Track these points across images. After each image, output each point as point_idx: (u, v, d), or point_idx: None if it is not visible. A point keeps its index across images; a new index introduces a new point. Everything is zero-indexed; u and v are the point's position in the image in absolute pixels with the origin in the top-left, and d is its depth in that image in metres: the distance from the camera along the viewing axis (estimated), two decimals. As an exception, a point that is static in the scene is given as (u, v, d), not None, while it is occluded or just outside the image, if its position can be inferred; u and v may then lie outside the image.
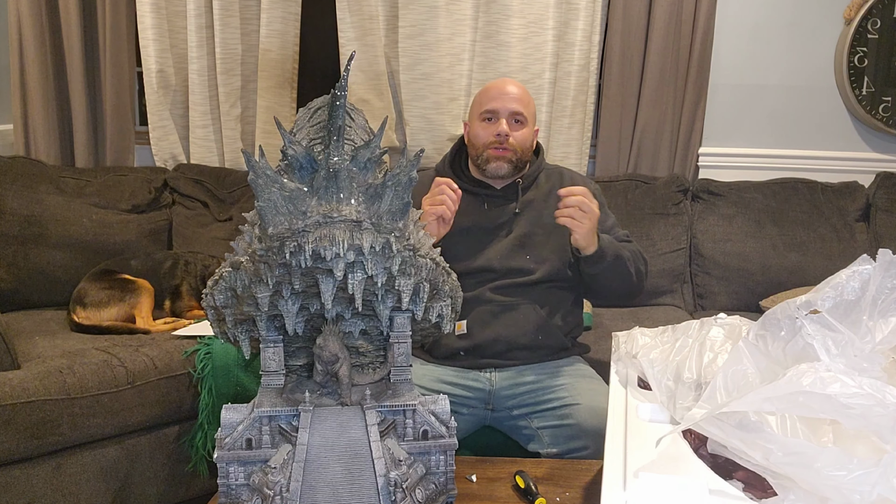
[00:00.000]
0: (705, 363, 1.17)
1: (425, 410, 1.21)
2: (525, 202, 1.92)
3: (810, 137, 2.93)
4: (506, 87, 1.92)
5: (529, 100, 1.95)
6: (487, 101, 1.91)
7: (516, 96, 1.90)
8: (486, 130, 1.90)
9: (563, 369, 1.83)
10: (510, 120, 1.89)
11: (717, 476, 0.95)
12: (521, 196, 1.92)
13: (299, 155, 1.06)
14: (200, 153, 2.93)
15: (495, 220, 1.91)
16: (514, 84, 1.95)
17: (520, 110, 1.89)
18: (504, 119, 1.88)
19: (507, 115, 1.89)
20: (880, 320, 0.99)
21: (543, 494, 1.36)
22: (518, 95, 1.91)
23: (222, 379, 2.06)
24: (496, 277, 1.86)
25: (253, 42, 2.88)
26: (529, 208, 1.92)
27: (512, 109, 1.89)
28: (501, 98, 1.90)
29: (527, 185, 1.95)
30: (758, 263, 2.67)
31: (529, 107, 1.93)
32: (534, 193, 1.95)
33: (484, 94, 1.95)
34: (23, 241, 2.45)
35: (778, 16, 2.86)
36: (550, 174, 2.00)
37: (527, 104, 1.92)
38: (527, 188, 1.95)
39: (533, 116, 1.95)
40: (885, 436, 0.85)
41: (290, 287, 1.07)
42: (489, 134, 1.89)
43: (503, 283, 1.86)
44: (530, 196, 1.94)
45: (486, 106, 1.91)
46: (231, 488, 1.17)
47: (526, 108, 1.91)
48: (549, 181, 1.97)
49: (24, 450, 1.78)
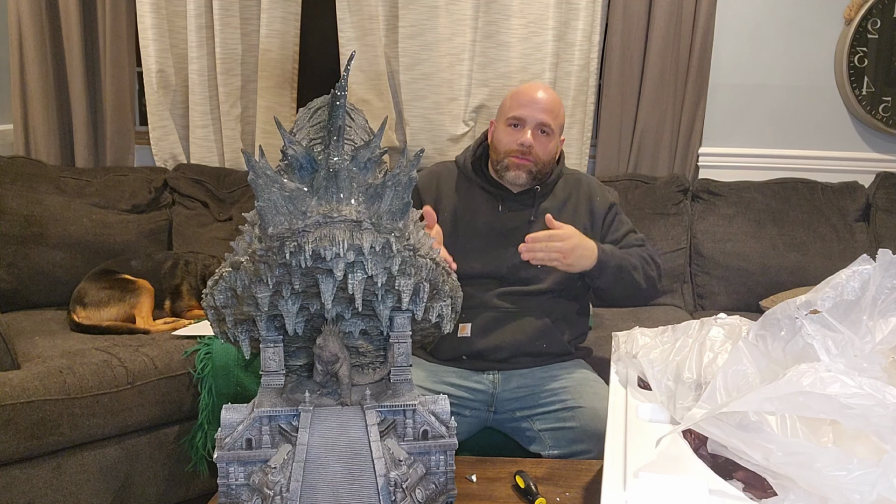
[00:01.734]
0: (705, 363, 1.17)
1: (425, 410, 1.21)
2: (541, 211, 1.87)
3: (810, 137, 2.93)
4: (537, 95, 1.86)
5: (559, 110, 1.89)
6: (517, 106, 1.86)
7: (546, 106, 1.84)
8: (510, 137, 1.85)
9: (566, 372, 1.82)
10: (536, 130, 1.84)
11: (717, 476, 0.95)
12: (538, 204, 1.89)
13: (299, 155, 1.06)
14: (200, 153, 2.93)
15: (509, 224, 1.87)
16: (547, 91, 1.89)
17: (548, 122, 1.84)
18: (530, 129, 1.83)
19: (534, 124, 1.83)
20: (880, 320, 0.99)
21: (543, 494, 1.36)
22: (548, 105, 1.85)
23: (222, 379, 2.06)
24: (504, 284, 1.85)
25: (253, 42, 2.88)
26: (544, 216, 1.90)
27: (539, 120, 1.83)
28: (531, 106, 1.84)
29: (545, 192, 1.91)
30: (758, 263, 2.66)
31: (558, 118, 1.88)
32: (550, 202, 1.91)
33: (514, 97, 1.89)
34: (23, 241, 2.45)
35: (778, 16, 2.86)
36: (568, 181, 1.95)
37: (556, 115, 1.86)
38: (545, 196, 1.91)
39: (560, 127, 1.90)
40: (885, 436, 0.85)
41: (290, 287, 1.07)
42: (513, 141, 1.84)
43: (510, 290, 1.84)
44: (547, 205, 1.90)
45: (514, 112, 1.85)
46: (231, 488, 1.17)
47: (555, 119, 1.86)
48: (567, 189, 1.93)
49: (24, 450, 1.78)
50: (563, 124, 1.94)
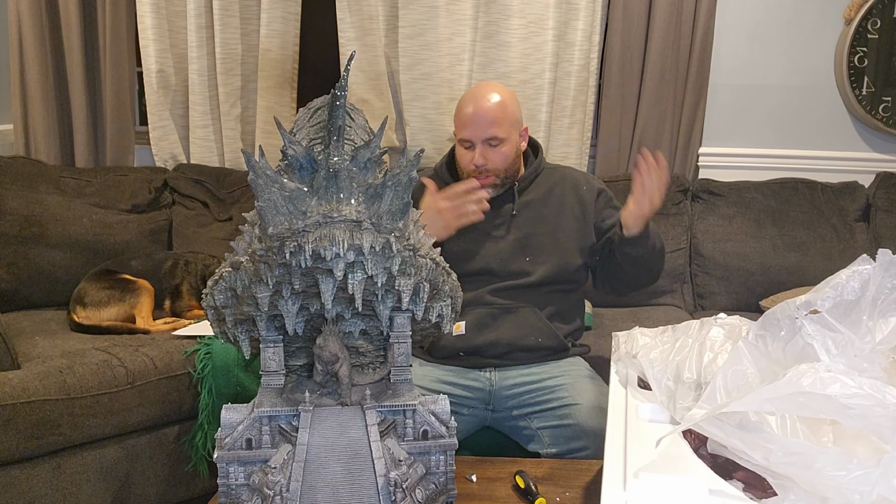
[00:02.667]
0: (705, 363, 1.17)
1: (425, 410, 1.21)
2: (523, 203, 1.91)
3: (810, 137, 2.93)
4: (477, 113, 1.83)
5: (505, 113, 1.84)
6: (461, 127, 1.87)
7: (488, 119, 1.82)
8: (464, 158, 1.88)
9: (564, 369, 1.83)
10: (485, 146, 1.84)
11: (717, 476, 0.95)
12: (518, 198, 1.91)
13: (299, 155, 1.06)
14: (200, 153, 2.93)
15: (492, 221, 1.89)
16: (486, 100, 1.84)
17: (493, 134, 1.83)
18: (479, 147, 1.84)
19: (481, 142, 1.84)
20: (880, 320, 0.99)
21: (543, 494, 1.36)
22: (490, 117, 1.82)
23: (222, 379, 2.06)
24: (495, 280, 1.86)
25: (253, 42, 2.88)
26: (528, 209, 1.91)
27: (484, 137, 1.83)
28: (472, 125, 1.84)
29: (524, 186, 1.93)
30: (758, 263, 2.67)
31: (505, 122, 1.84)
32: (533, 194, 1.93)
33: (457, 115, 1.89)
34: (23, 241, 2.45)
35: (778, 16, 2.86)
36: (551, 174, 1.97)
37: (500, 122, 1.83)
38: (524, 189, 1.93)
39: (513, 125, 1.87)
40: (885, 436, 0.85)
41: (290, 287, 1.07)
42: (468, 162, 1.87)
43: (502, 285, 1.85)
44: (529, 197, 1.92)
45: (460, 134, 1.87)
46: (231, 488, 1.17)
47: (500, 127, 1.83)
48: (549, 181, 1.95)
49: (24, 450, 1.78)
50: (518, 119, 1.90)
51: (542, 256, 1.87)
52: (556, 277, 1.87)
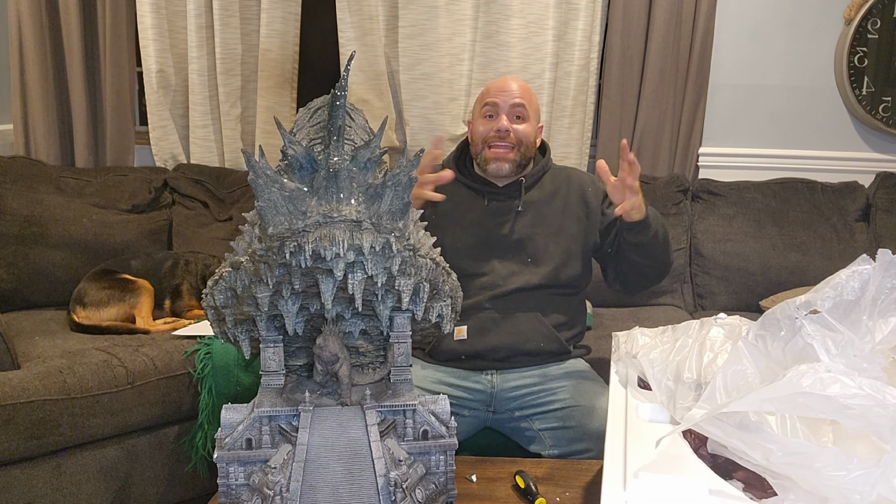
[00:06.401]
0: (705, 363, 1.17)
1: (425, 410, 1.21)
2: (528, 202, 1.90)
3: (810, 137, 2.93)
4: (507, 84, 1.91)
5: (532, 96, 1.93)
6: (489, 95, 1.91)
7: (517, 91, 1.89)
8: (486, 126, 1.88)
9: (565, 371, 1.82)
10: (511, 115, 1.87)
11: (717, 476, 0.95)
12: (524, 195, 1.90)
13: (299, 155, 1.06)
14: (200, 153, 2.93)
15: (497, 217, 1.88)
16: (516, 80, 1.93)
17: (521, 103, 1.87)
18: (504, 114, 1.87)
19: (508, 109, 1.87)
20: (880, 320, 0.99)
21: (543, 494, 1.36)
22: (519, 91, 1.89)
23: (222, 379, 2.06)
24: (497, 284, 1.85)
25: (253, 42, 2.88)
26: (532, 208, 1.90)
27: (512, 103, 1.87)
28: (502, 93, 1.88)
29: (530, 183, 1.92)
30: (758, 263, 2.66)
31: (532, 102, 1.92)
32: (538, 193, 1.92)
33: (485, 91, 1.94)
34: (23, 241, 2.45)
35: (778, 16, 2.86)
36: (557, 175, 1.97)
37: (529, 99, 1.90)
38: (530, 187, 1.92)
39: (536, 113, 1.94)
40: (885, 436, 0.85)
41: (290, 287, 1.07)
42: (489, 129, 1.87)
43: (504, 289, 1.84)
44: (534, 196, 1.91)
45: (486, 100, 1.90)
46: (231, 488, 1.17)
47: (528, 102, 1.89)
48: (555, 183, 1.94)
49: (24, 450, 1.77)
50: (538, 110, 1.98)
51: (543, 257, 1.86)
52: (558, 280, 1.86)
